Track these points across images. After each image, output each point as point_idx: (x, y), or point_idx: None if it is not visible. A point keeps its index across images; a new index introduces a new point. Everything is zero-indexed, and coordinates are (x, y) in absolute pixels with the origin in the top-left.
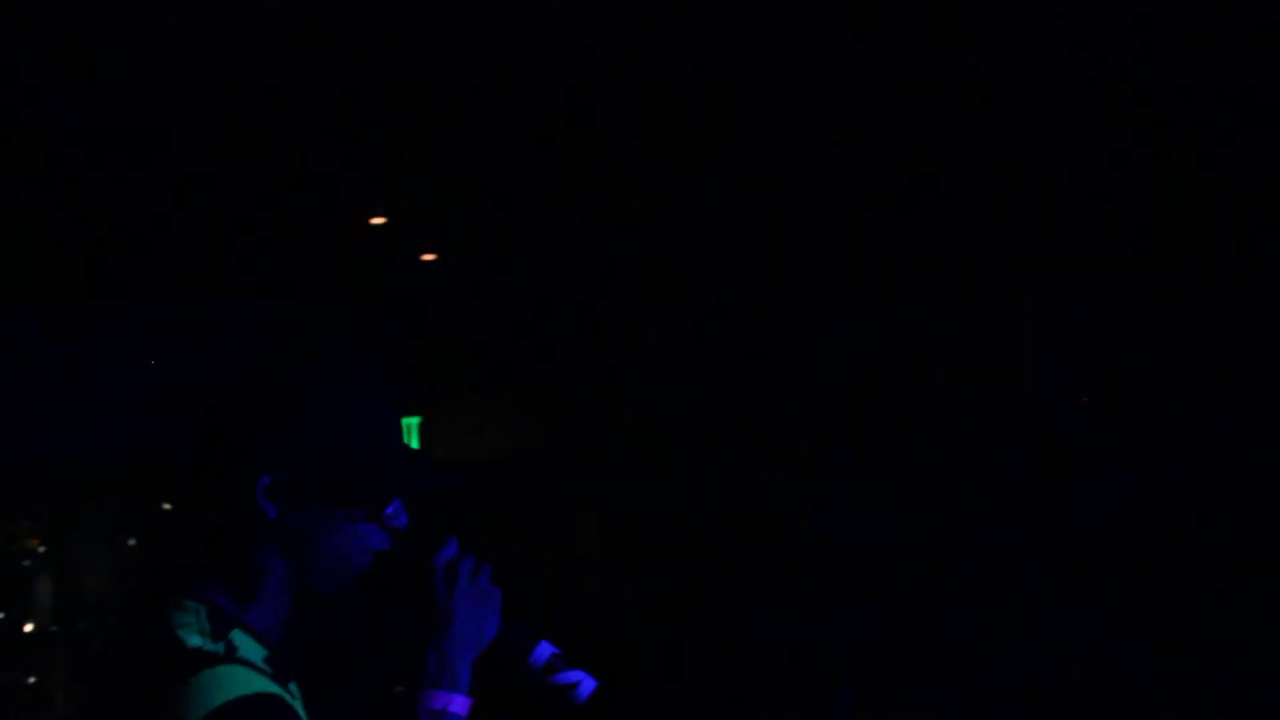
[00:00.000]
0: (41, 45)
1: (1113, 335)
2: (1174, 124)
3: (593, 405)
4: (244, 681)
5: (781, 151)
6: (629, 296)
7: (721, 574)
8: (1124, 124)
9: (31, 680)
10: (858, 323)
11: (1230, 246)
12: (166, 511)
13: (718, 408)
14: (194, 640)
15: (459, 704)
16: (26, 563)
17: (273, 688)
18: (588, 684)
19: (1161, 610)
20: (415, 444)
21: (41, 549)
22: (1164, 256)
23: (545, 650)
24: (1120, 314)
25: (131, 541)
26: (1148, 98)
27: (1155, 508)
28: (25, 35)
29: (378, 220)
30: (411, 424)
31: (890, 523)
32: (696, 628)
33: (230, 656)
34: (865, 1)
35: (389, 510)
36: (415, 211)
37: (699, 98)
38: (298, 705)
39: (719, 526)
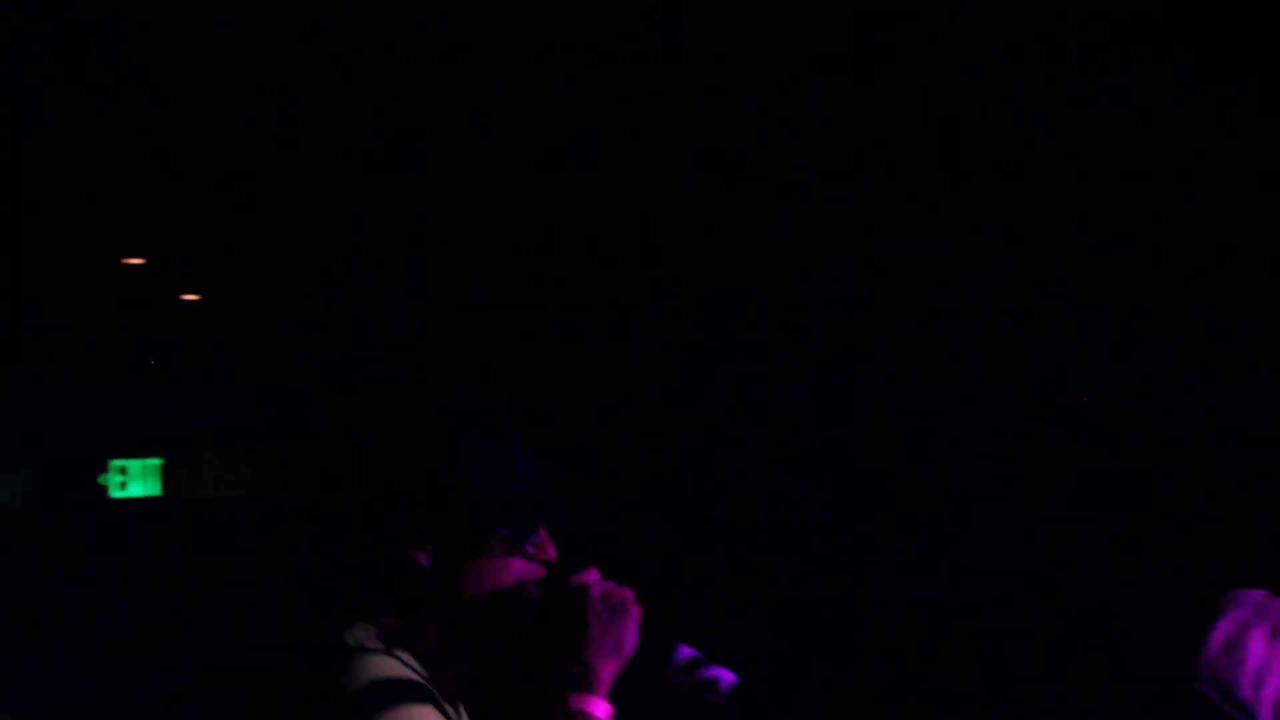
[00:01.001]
0: None
1: (1113, 335)
2: (1174, 124)
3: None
4: (398, 668)
5: (778, 150)
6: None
7: (721, 574)
8: (1125, 124)
9: None
10: (857, 322)
11: (1230, 246)
12: (333, 551)
13: (717, 408)
14: (356, 643)
15: (599, 707)
16: None
17: (424, 685)
18: (727, 679)
19: (1161, 610)
20: (157, 486)
21: None
22: (1163, 258)
23: (685, 653)
24: (1120, 314)
25: None
26: (1148, 97)
27: (1155, 508)
28: None
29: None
30: (153, 465)
31: (890, 524)
32: (695, 628)
33: (389, 651)
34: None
35: (529, 546)
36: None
37: (696, 102)
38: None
39: (718, 526)
